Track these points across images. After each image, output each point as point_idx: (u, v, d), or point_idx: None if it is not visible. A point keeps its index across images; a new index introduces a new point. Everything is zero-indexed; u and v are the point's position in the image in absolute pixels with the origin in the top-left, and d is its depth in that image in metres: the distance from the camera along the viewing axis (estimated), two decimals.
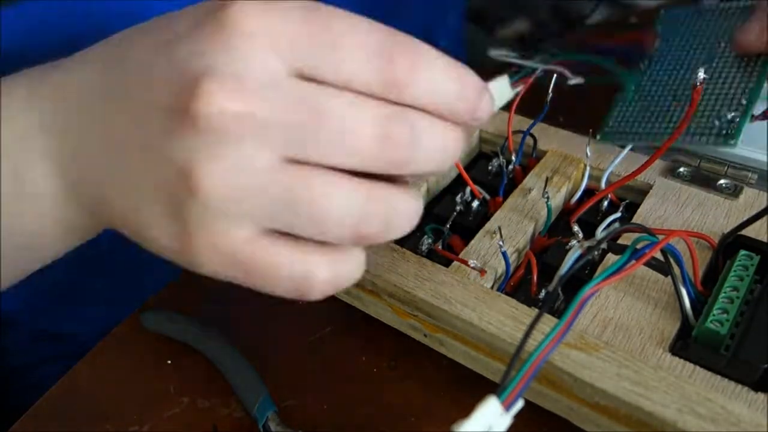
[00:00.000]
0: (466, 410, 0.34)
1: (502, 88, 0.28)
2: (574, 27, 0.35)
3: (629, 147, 0.38)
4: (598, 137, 0.38)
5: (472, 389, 0.34)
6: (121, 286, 0.50)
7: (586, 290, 0.25)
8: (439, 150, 0.26)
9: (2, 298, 0.55)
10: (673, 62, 0.40)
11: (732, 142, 0.34)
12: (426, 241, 0.38)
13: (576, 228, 0.36)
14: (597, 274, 0.27)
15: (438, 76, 0.25)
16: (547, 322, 0.31)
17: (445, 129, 0.26)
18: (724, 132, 0.35)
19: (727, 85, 0.36)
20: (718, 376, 0.29)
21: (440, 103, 0.25)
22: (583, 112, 0.41)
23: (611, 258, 0.34)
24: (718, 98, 0.36)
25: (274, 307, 0.40)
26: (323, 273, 0.26)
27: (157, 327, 0.39)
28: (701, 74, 0.32)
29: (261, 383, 0.35)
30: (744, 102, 0.35)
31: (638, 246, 0.27)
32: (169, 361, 0.38)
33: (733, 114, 0.35)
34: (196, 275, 0.31)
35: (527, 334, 0.23)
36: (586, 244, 0.34)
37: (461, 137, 0.27)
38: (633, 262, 0.26)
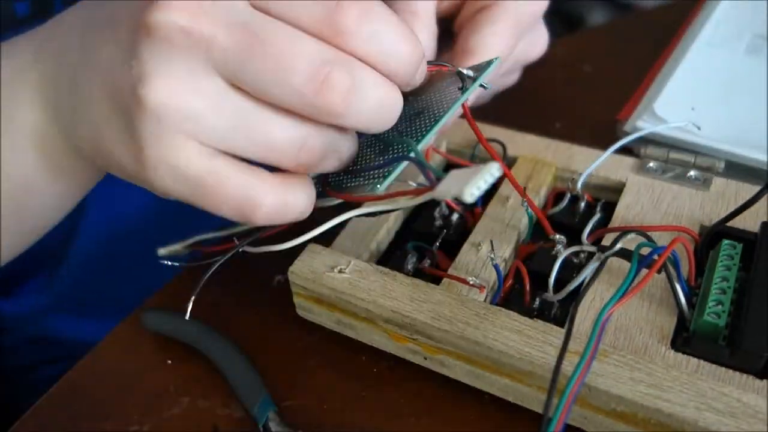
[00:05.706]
0: (466, 410, 0.34)
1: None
2: (574, 28, 0.35)
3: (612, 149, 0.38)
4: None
5: (473, 390, 0.34)
6: (123, 295, 0.49)
7: (605, 313, 0.25)
8: (376, 106, 0.26)
9: (2, 305, 0.53)
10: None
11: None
12: (411, 260, 0.38)
13: (558, 236, 0.36)
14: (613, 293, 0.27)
15: (385, 31, 0.26)
16: (554, 333, 0.31)
17: (385, 85, 0.27)
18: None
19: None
20: (722, 368, 0.29)
21: (383, 60, 0.26)
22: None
23: (611, 263, 0.34)
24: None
25: (274, 307, 0.40)
26: (269, 197, 0.27)
27: (157, 327, 0.39)
28: None
29: (261, 383, 0.35)
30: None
31: (642, 252, 0.27)
32: (169, 361, 0.38)
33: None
34: (195, 275, 0.31)
35: (560, 359, 0.23)
36: (587, 248, 0.35)
37: (399, 98, 0.27)
38: (645, 272, 0.26)
